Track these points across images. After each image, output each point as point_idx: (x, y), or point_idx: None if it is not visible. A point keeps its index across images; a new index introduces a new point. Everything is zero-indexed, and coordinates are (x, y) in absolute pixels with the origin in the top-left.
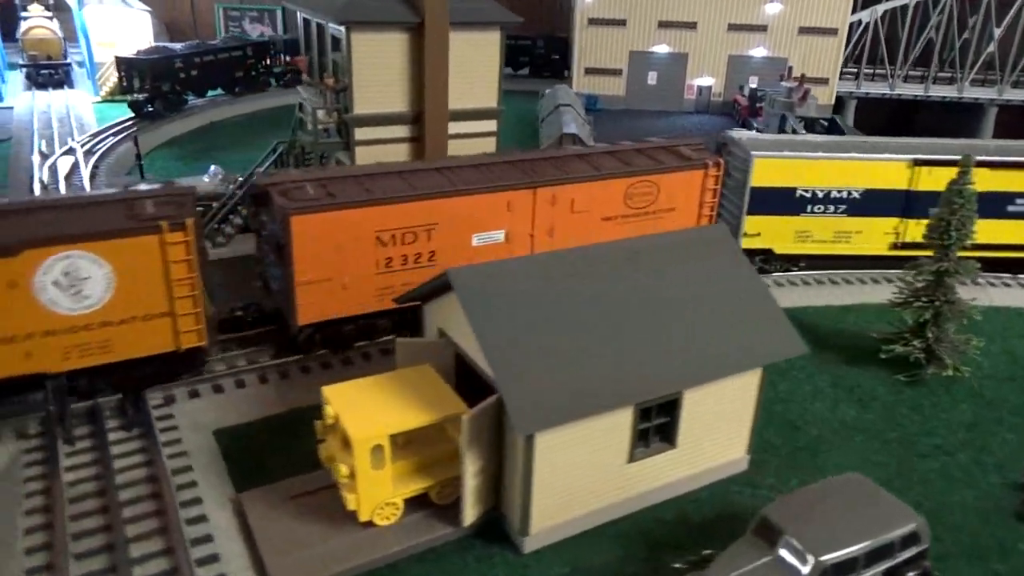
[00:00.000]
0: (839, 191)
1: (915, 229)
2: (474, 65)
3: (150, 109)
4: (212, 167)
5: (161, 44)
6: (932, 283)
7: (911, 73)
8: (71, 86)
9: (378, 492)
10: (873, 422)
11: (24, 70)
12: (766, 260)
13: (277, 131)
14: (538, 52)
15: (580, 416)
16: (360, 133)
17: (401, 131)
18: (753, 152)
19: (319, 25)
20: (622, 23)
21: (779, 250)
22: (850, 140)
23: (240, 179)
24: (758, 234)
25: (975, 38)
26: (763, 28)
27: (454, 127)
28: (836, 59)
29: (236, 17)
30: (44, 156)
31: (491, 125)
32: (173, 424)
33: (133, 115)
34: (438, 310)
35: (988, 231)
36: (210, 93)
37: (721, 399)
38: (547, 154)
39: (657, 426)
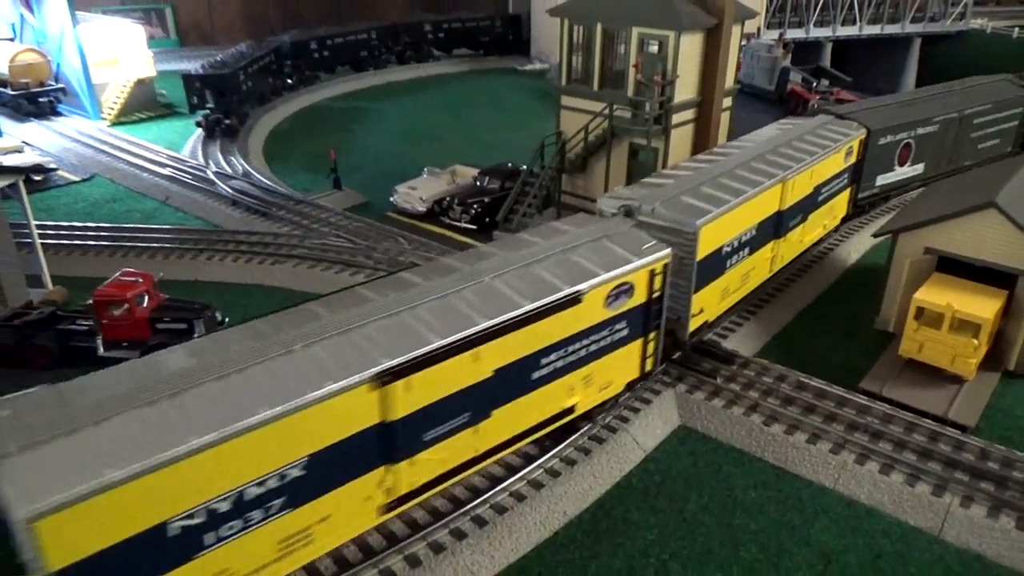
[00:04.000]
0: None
1: None
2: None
3: (227, 124)
4: (425, 169)
5: (216, 59)
6: None
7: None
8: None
9: (981, 356)
10: None
11: (14, 100)
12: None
13: (319, 133)
14: (497, 32)
15: None
16: (673, 119)
17: (689, 115)
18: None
19: (611, 32)
20: None
21: None
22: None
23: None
24: None
25: None
26: None
27: None
28: (760, 18)
29: None
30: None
31: (729, 101)
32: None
33: (206, 134)
34: (929, 234)
35: None
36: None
37: None
38: None
39: None
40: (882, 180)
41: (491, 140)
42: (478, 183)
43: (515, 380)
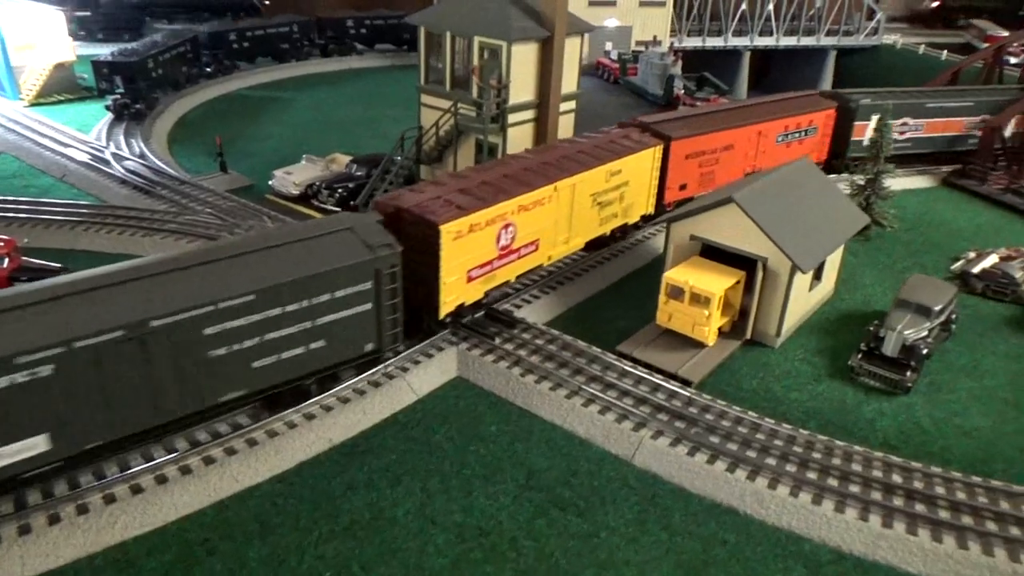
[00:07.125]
0: None
1: None
2: (568, 62)
3: (135, 109)
4: (304, 156)
5: (123, 46)
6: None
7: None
8: None
9: (716, 325)
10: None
11: None
12: None
13: (228, 120)
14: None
15: (822, 259)
16: (511, 118)
17: (529, 115)
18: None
19: (459, 41)
20: None
21: None
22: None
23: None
24: None
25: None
26: (613, 3)
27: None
28: (665, 25)
29: None
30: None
31: (572, 104)
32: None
33: (115, 117)
34: (693, 224)
35: None
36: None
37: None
38: None
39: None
40: None
41: (395, 132)
42: (348, 170)
43: None
